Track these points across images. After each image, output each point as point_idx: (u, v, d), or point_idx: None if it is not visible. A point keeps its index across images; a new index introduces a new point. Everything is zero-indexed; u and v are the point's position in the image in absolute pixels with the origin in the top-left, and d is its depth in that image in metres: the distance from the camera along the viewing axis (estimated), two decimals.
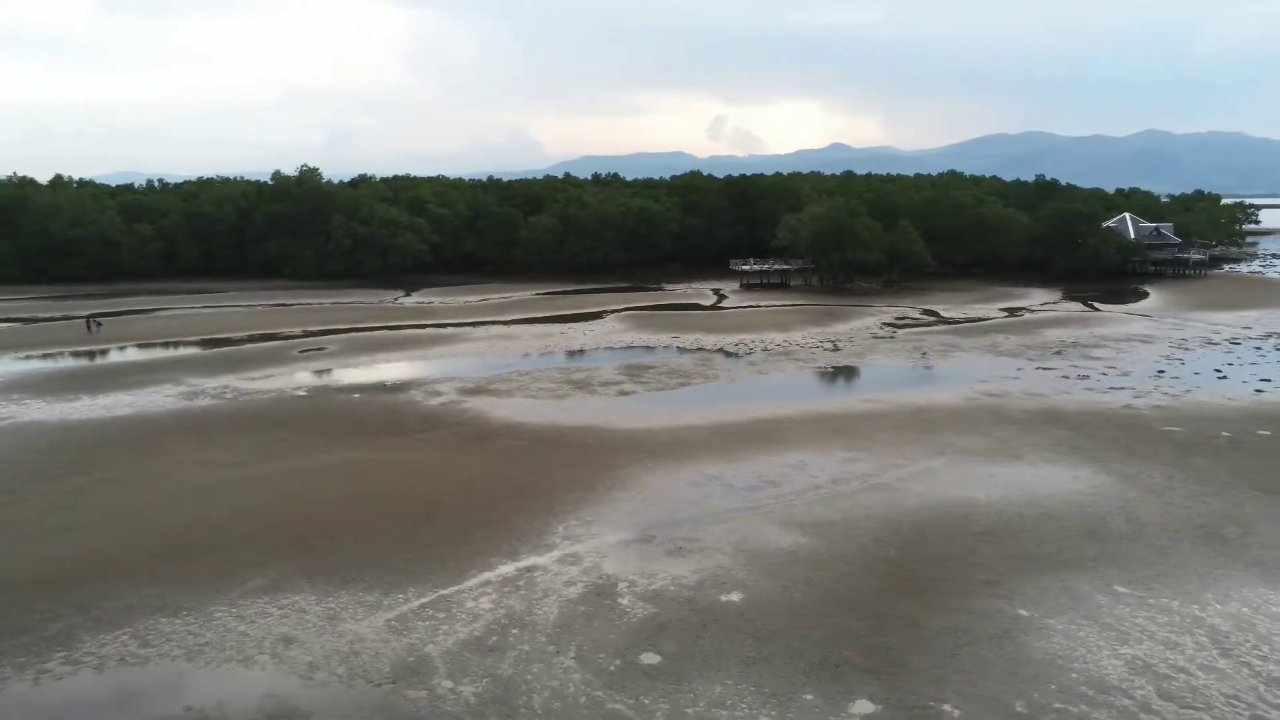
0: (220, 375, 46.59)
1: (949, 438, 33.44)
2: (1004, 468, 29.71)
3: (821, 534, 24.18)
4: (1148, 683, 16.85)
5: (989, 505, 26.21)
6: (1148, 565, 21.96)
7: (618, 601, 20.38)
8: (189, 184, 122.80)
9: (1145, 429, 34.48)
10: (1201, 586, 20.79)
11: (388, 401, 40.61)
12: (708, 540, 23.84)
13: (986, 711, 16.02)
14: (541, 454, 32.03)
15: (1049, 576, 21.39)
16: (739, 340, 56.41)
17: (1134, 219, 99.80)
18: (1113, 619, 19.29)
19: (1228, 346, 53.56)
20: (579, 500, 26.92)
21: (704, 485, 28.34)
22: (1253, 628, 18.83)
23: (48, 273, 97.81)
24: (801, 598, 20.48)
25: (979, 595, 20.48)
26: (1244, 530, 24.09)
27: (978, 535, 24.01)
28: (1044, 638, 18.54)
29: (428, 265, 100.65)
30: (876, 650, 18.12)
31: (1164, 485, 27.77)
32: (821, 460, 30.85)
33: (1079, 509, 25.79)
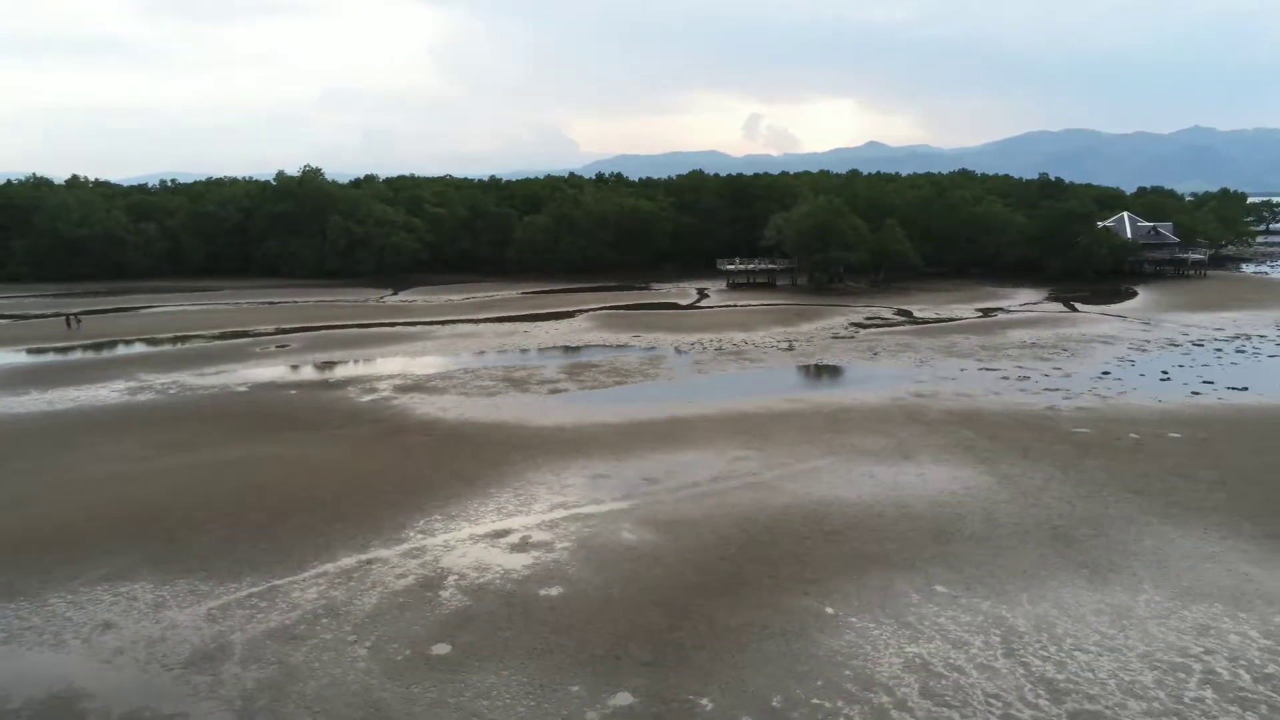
0: (174, 372, 47.82)
1: (852, 438, 33.46)
2: (889, 468, 29.71)
3: (672, 531, 24.45)
4: (915, 680, 16.96)
5: (853, 504, 26.29)
6: (979, 566, 21.96)
7: (438, 594, 20.86)
8: (198, 184, 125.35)
9: (1054, 431, 34.22)
10: (1021, 587, 20.77)
11: (321, 398, 41.47)
12: (558, 536, 24.23)
13: (741, 706, 16.26)
14: (442, 450, 32.60)
15: (875, 575, 21.48)
16: (696, 340, 56.60)
17: (1132, 218, 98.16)
18: (915, 618, 19.38)
19: (1189, 348, 52.68)
20: (453, 495, 27.44)
21: (582, 482, 28.70)
22: (1051, 629, 18.82)
23: (57, 271, 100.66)
24: (618, 593, 20.80)
25: (794, 593, 20.65)
26: (1095, 532, 23.94)
27: (826, 534, 24.13)
28: (836, 635, 18.70)
29: (424, 264, 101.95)
30: (664, 645, 18.40)
31: (1040, 487, 27.62)
32: (712, 458, 31.06)
33: (940, 509, 25.77)
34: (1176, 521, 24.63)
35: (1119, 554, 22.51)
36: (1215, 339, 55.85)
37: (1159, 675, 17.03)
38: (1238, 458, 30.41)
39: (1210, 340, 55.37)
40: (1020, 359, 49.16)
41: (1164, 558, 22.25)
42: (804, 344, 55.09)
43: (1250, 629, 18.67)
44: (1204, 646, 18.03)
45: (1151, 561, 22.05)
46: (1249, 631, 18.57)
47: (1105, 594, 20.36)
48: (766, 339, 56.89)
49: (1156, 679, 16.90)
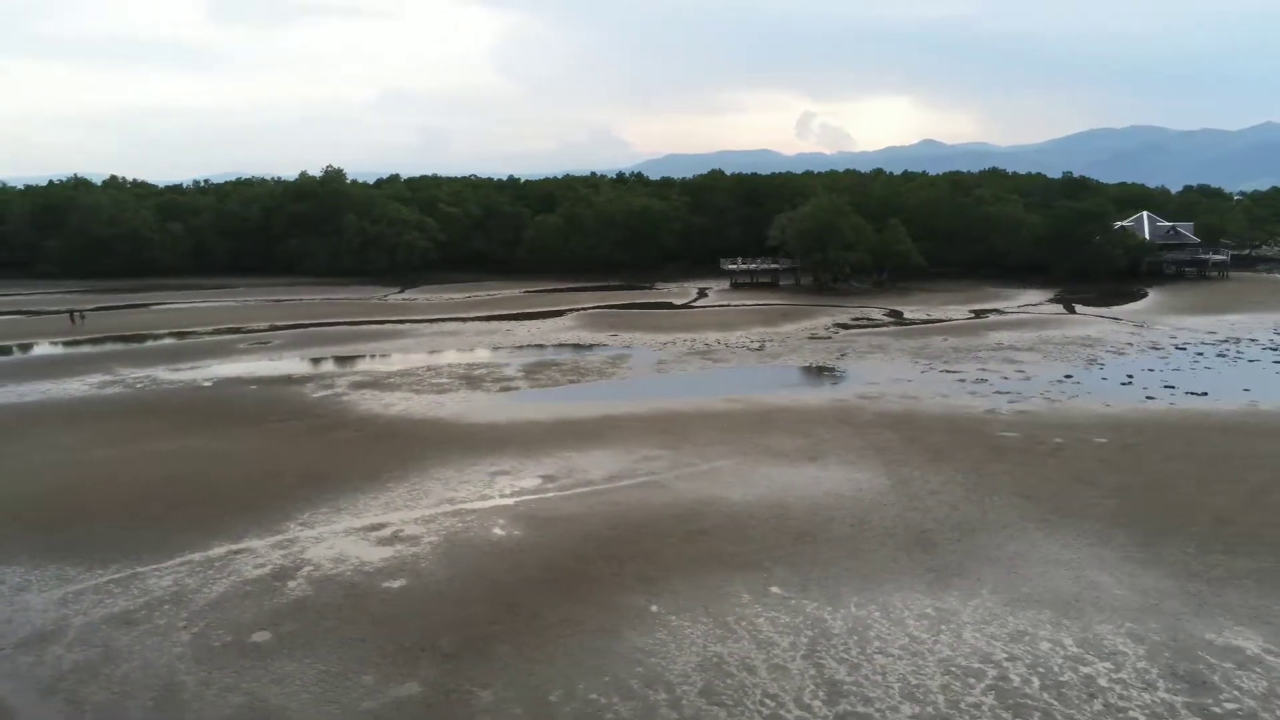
0: (151, 367, 49.46)
1: (771, 439, 33.41)
2: (790, 469, 29.64)
3: (543, 529, 24.78)
4: (701, 679, 17.07)
5: (733, 505, 26.33)
6: (825, 568, 21.90)
7: (286, 584, 21.48)
8: (226, 184, 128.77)
9: (979, 434, 33.76)
10: (856, 590, 20.68)
11: (277, 393, 42.58)
12: (430, 530, 24.72)
13: (518, 699, 16.56)
14: (365, 446, 33.35)
15: (716, 576, 21.57)
16: (671, 339, 56.75)
17: (1151, 218, 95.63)
18: (735, 618, 19.46)
19: (1169, 351, 51.36)
20: (351, 490, 28.08)
21: (480, 479, 29.13)
22: (864, 632, 18.76)
23: (86, 268, 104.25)
24: (457, 587, 21.21)
25: (629, 591, 20.84)
26: (960, 537, 23.68)
27: (690, 534, 24.24)
28: (648, 633, 18.88)
29: (435, 263, 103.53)
30: (475, 638, 18.76)
31: (932, 490, 27.34)
32: (620, 458, 31.29)
33: (817, 512, 25.69)
34: (1051, 528, 24.26)
35: (974, 559, 22.28)
36: (1203, 342, 54.36)
37: (948, 680, 16.92)
38: (1152, 464, 29.76)
39: (1197, 343, 53.91)
40: (988, 361, 48.45)
41: (1018, 564, 21.97)
42: (776, 345, 54.91)
43: (1067, 637, 18.41)
44: (1009, 653, 17.85)
45: (1003, 567, 21.79)
46: (1064, 639, 18.30)
47: (938, 599, 20.20)
48: (741, 339, 56.82)
49: (944, 684, 16.80)
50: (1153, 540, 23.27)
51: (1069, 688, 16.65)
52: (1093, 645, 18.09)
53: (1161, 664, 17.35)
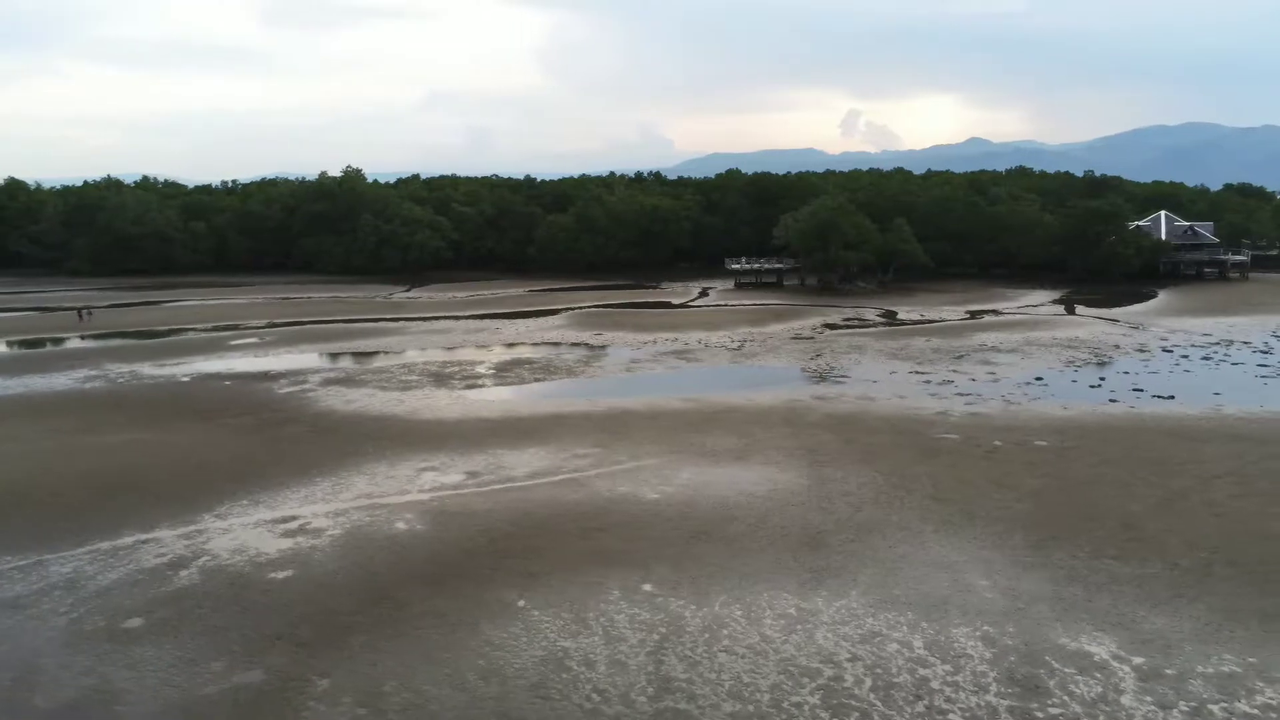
0: (138, 363, 50.87)
1: (709, 438, 33.43)
2: (714, 469, 29.67)
3: (445, 524, 25.14)
4: (537, 674, 17.25)
5: (643, 503, 26.44)
6: (706, 567, 21.95)
7: (178, 573, 22.08)
8: (250, 185, 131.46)
9: (919, 436, 33.45)
10: (727, 589, 20.71)
11: (246, 389, 43.56)
12: (336, 524, 25.17)
13: (352, 688, 16.88)
14: (310, 440, 34.03)
15: (594, 573, 21.72)
16: (653, 339, 56.89)
17: (1169, 218, 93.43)
18: (596, 614, 19.62)
19: (1155, 354, 50.31)
20: (277, 483, 28.69)
21: (406, 474, 29.55)
22: (717, 630, 18.80)
23: (113, 266, 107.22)
24: (340, 579, 21.61)
25: (504, 586, 21.08)
26: (855, 538, 23.58)
27: (588, 531, 24.41)
28: (503, 627, 19.11)
29: (448, 261, 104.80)
30: (334, 628, 19.15)
31: (845, 492, 27.19)
32: (552, 455, 31.56)
33: (722, 511, 25.68)
34: (951, 530, 24.04)
35: (858, 561, 22.19)
36: (1193, 344, 53.16)
37: (781, 679, 16.93)
38: (1082, 468, 29.27)
39: (1186, 346, 52.74)
40: (963, 363, 47.90)
41: (901, 566, 21.83)
42: (756, 345, 54.81)
43: (918, 639, 18.30)
44: (853, 654, 17.80)
45: (884, 569, 21.67)
46: (914, 642, 18.20)
47: (805, 599, 20.18)
48: (723, 339, 56.77)
49: (775, 683, 16.82)
50: (1048, 544, 22.97)
51: (899, 689, 16.59)
52: (941, 648, 17.97)
53: (1003, 668, 17.19)
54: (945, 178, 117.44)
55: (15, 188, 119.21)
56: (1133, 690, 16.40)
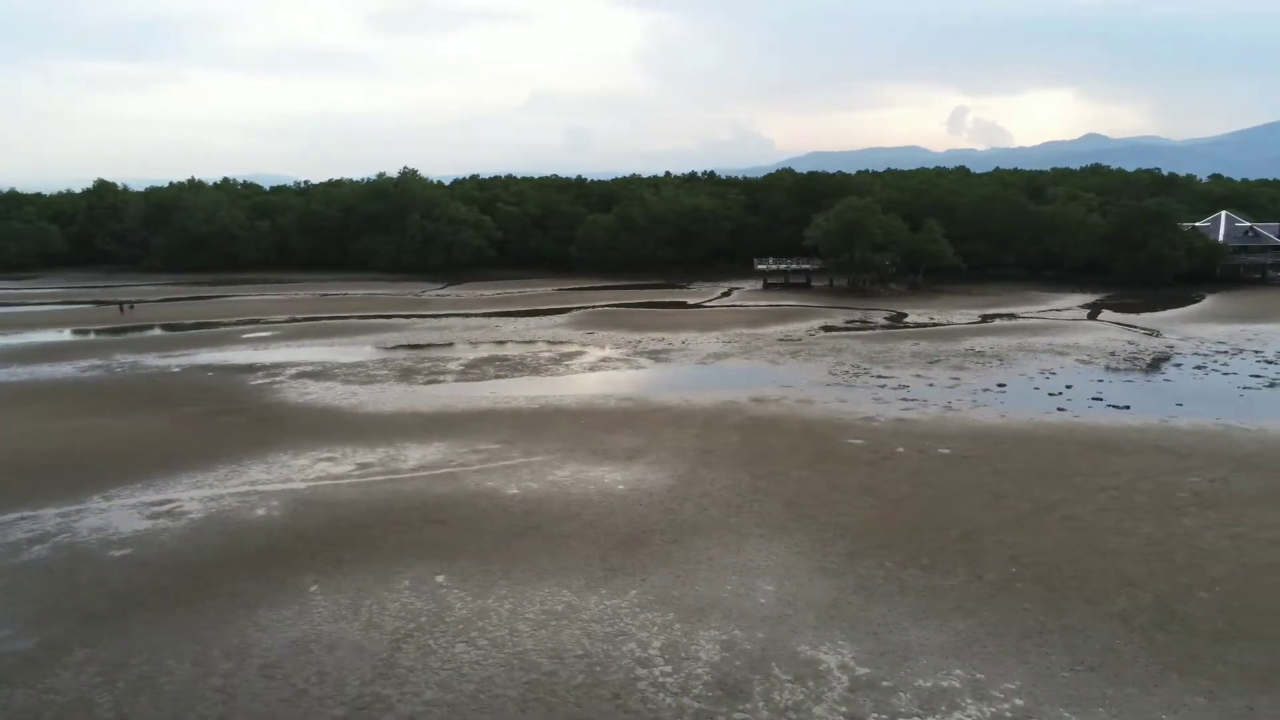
0: (145, 353, 54.12)
1: (615, 438, 33.63)
2: (593, 468, 29.88)
3: (302, 512, 26.18)
4: (277, 655, 17.99)
5: (498, 498, 26.95)
6: (512, 561, 22.29)
7: (32, 548, 23.67)
8: (316, 186, 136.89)
9: (826, 441, 32.93)
10: (515, 583, 21.02)
11: (223, 380, 45.91)
12: (205, 508, 26.52)
13: (103, 659, 17.87)
14: (243, 429, 35.77)
15: (402, 563, 22.28)
16: (639, 339, 57.20)
17: (1230, 218, 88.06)
18: (371, 601, 20.22)
19: (1145, 362, 47.93)
20: (183, 467, 30.26)
21: (303, 464, 30.79)
22: (475, 621, 19.13)
23: (184, 263, 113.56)
24: (170, 559, 22.80)
25: (308, 571, 21.81)
26: (675, 539, 23.57)
27: (429, 523, 25.07)
28: (279, 610, 19.87)
29: (492, 260, 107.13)
30: (132, 604, 20.20)
31: (703, 492, 27.09)
32: (452, 449, 32.38)
33: (567, 508, 25.97)
34: (778, 535, 23.77)
35: (663, 561, 22.24)
36: (1196, 352, 50.39)
37: (496, 672, 17.21)
38: (965, 477, 28.36)
39: (1189, 354, 50.03)
40: (934, 368, 46.64)
41: (699, 568, 21.79)
42: (738, 346, 54.53)
43: (661, 640, 18.33)
44: (585, 651, 17.95)
45: (681, 571, 21.67)
46: (653, 644, 18.23)
47: (581, 596, 20.41)
48: (710, 340, 56.63)
49: (489, 675, 17.11)
50: (866, 553, 22.53)
51: (603, 688, 16.75)
52: (674, 650, 17.99)
53: (720, 673, 17.12)
54: (997, 176, 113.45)
55: (104, 189, 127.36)
56: (832, 701, 16.16)
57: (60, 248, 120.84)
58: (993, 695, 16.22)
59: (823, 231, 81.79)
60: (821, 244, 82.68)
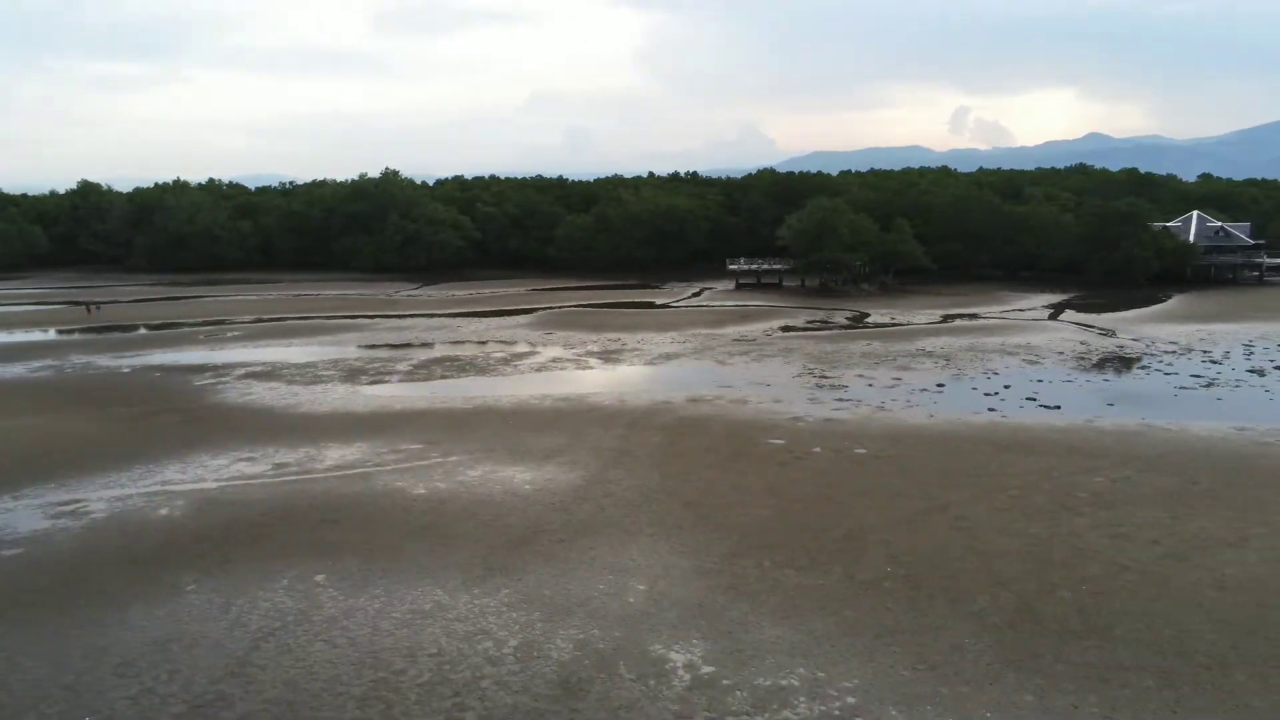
0: (100, 354, 54.33)
1: (539, 438, 33.72)
2: (506, 468, 29.95)
3: (206, 512, 26.28)
4: (136, 654, 18.05)
5: (402, 497, 27.07)
6: (397, 561, 22.38)
7: None
8: (301, 186, 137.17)
9: (747, 441, 32.97)
10: (394, 582, 21.07)
11: (168, 380, 46.09)
12: (109, 508, 26.63)
13: None
14: (172, 430, 35.89)
15: (288, 561, 22.42)
16: (595, 339, 57.35)
17: (1202, 218, 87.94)
18: (245, 600, 20.33)
19: (1090, 362, 47.95)
20: (99, 469, 30.39)
21: (220, 464, 30.92)
22: (339, 620, 19.22)
23: (167, 263, 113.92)
24: (57, 559, 22.92)
25: (190, 570, 21.90)
26: (566, 538, 23.64)
27: (324, 522, 25.16)
28: (151, 609, 19.93)
29: (472, 260, 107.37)
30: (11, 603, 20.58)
31: (607, 493, 27.13)
32: (374, 448, 32.47)
33: (471, 507, 26.04)
34: (666, 535, 23.80)
35: (545, 560, 22.34)
36: (1146, 353, 50.41)
37: (346, 671, 17.28)
38: (869, 477, 28.40)
39: (1138, 355, 50.05)
40: (878, 368, 46.71)
41: (579, 568, 21.86)
42: (691, 346, 54.63)
43: (515, 640, 18.39)
44: (439, 649, 18.02)
45: (560, 570, 21.74)
46: (510, 642, 18.32)
47: (453, 595, 20.49)
48: (667, 341, 56.70)
49: (338, 674, 17.17)
50: (747, 552, 22.62)
51: (446, 686, 16.84)
52: (527, 649, 18.10)
53: (566, 671, 17.21)
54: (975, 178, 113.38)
55: (88, 189, 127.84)
56: (667, 700, 16.25)
57: (45, 248, 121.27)
58: (828, 694, 16.33)
59: (794, 231, 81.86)
60: (793, 244, 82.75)
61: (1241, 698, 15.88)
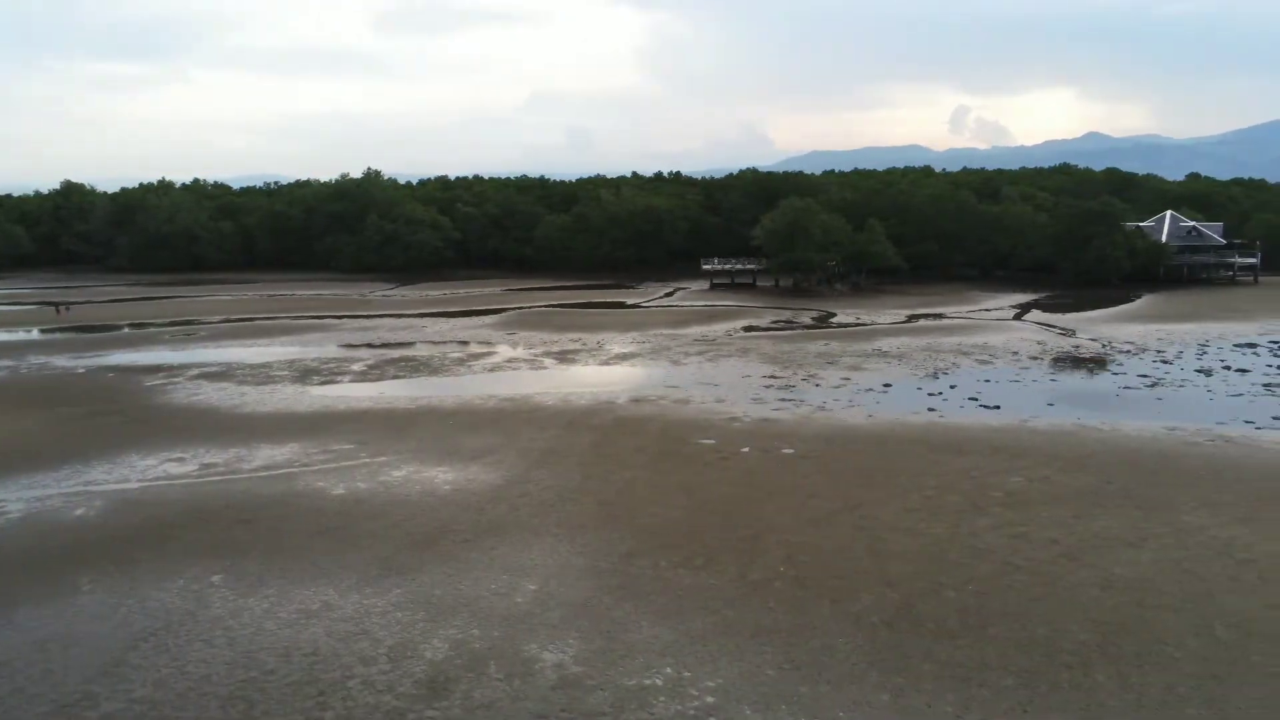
0: (59, 354, 54.45)
1: (473, 438, 33.73)
2: (431, 468, 29.91)
3: (121, 512, 26.29)
4: (11, 656, 18.16)
5: (322, 498, 27.06)
6: (297, 561, 22.36)
7: None
8: (284, 186, 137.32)
9: (678, 441, 32.98)
10: (289, 583, 21.00)
11: (121, 381, 46.13)
12: (25, 509, 26.67)
13: None
14: (113, 430, 35.84)
15: (191, 561, 22.38)
16: (556, 339, 57.44)
17: (1175, 218, 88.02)
18: (136, 600, 20.28)
19: (1043, 363, 48.02)
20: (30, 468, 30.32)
21: (152, 463, 31.04)
22: (227, 620, 19.21)
23: (149, 263, 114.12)
24: None
25: (90, 571, 21.81)
26: (472, 538, 23.60)
27: (237, 522, 25.11)
28: (40, 610, 19.91)
29: (452, 261, 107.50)
30: None
31: (523, 494, 27.10)
32: (304, 449, 32.48)
33: (384, 507, 26.02)
34: (572, 536, 23.80)
35: (445, 560, 22.28)
36: (1100, 353, 50.49)
37: (218, 670, 17.19)
38: (791, 477, 28.36)
39: (1092, 355, 50.12)
40: (830, 368, 46.78)
41: (476, 568, 21.82)
42: (651, 346, 54.71)
43: (392, 639, 18.29)
44: (315, 649, 17.98)
45: (456, 570, 21.71)
46: (386, 642, 18.20)
47: (345, 595, 20.41)
48: (628, 341, 56.78)
49: (208, 674, 17.07)
50: (646, 553, 22.59)
51: (312, 685, 16.84)
52: (404, 649, 18.09)
53: (436, 671, 17.19)
54: (952, 177, 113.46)
55: (71, 189, 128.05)
56: (528, 699, 16.20)
57: (28, 248, 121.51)
58: (689, 693, 16.36)
59: (767, 231, 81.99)
60: (766, 244, 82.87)
61: (1097, 697, 15.93)
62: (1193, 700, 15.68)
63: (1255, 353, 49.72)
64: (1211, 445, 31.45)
